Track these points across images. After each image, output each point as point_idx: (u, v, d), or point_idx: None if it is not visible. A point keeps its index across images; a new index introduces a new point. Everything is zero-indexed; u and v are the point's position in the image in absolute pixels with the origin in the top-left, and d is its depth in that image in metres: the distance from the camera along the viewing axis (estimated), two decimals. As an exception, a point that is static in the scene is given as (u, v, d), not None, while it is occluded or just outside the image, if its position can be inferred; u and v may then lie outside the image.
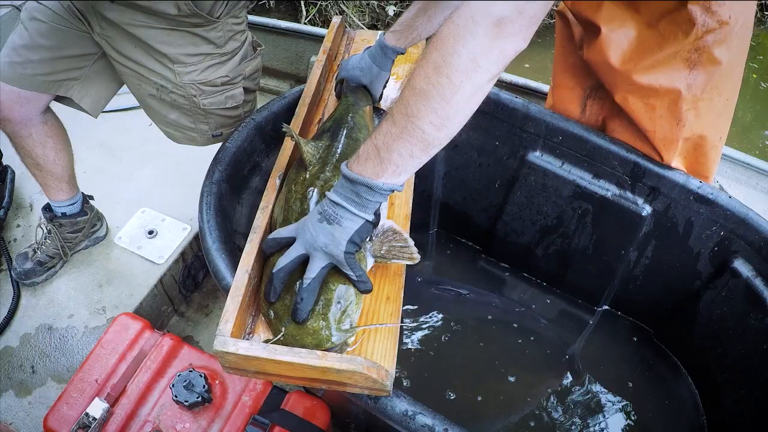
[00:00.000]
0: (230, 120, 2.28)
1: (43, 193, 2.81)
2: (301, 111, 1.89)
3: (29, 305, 2.59)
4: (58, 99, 2.21)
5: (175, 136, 2.32)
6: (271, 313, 1.38)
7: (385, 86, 2.03)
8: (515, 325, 2.50)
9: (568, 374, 2.39)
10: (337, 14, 5.69)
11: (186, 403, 1.86)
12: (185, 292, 2.83)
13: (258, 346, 1.24)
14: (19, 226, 2.91)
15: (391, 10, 5.69)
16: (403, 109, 1.16)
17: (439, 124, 1.15)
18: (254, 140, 2.01)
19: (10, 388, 2.34)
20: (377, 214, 1.32)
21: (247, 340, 1.32)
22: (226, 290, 1.51)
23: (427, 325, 2.47)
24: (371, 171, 1.22)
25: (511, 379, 2.34)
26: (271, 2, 5.90)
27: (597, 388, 2.34)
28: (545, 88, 2.98)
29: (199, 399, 1.86)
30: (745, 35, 1.87)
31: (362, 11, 5.77)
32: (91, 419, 1.90)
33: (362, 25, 5.69)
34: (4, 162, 3.08)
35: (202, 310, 2.83)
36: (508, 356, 2.41)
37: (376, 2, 5.76)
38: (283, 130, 1.59)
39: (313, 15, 5.74)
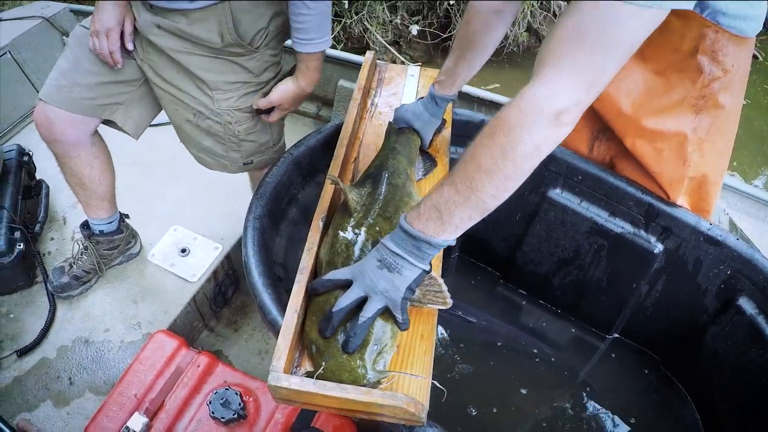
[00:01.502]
0: (261, 147, 2.36)
1: (75, 207, 2.91)
2: (339, 152, 1.96)
3: (65, 318, 2.65)
4: (103, 121, 2.29)
5: (208, 162, 2.39)
6: (314, 347, 1.47)
7: (436, 133, 2.13)
8: (525, 350, 2.58)
9: (577, 394, 2.45)
10: (361, 31, 5.77)
11: (223, 420, 1.92)
12: (215, 308, 2.90)
13: (309, 382, 1.35)
14: (53, 239, 2.99)
15: (414, 29, 5.74)
16: (468, 183, 1.28)
17: (498, 195, 1.29)
18: (292, 174, 2.10)
19: (48, 398, 2.41)
20: (429, 264, 1.45)
21: (296, 374, 1.43)
22: (271, 324, 1.63)
23: (438, 347, 2.55)
24: (433, 230, 1.35)
25: (523, 391, 2.42)
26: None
27: (604, 408, 2.40)
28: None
29: (235, 416, 1.93)
30: (744, 79, 1.95)
31: (385, 28, 5.82)
32: (131, 432, 1.98)
33: (385, 42, 5.73)
34: (37, 176, 3.17)
35: (231, 325, 2.91)
36: (519, 374, 2.48)
37: (399, 21, 5.81)
38: (330, 180, 1.69)
39: (338, 32, 5.79)
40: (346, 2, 5.70)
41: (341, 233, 1.60)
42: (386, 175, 1.78)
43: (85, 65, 2.14)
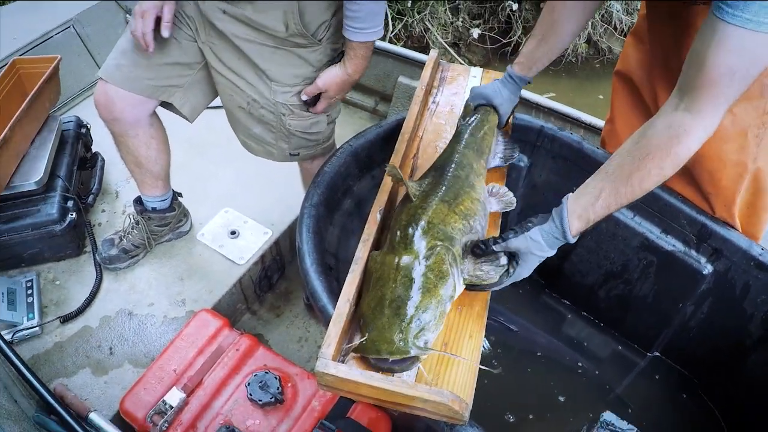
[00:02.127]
0: (310, 142, 2.36)
1: (128, 181, 2.95)
2: (400, 147, 1.97)
3: (111, 289, 2.70)
4: (160, 104, 2.32)
5: (254, 148, 2.40)
6: (362, 320, 1.48)
7: (512, 114, 2.13)
8: (565, 361, 2.57)
9: (613, 410, 2.40)
10: (422, 31, 5.79)
11: (260, 402, 1.96)
12: (260, 292, 2.93)
13: (356, 371, 1.36)
14: (104, 211, 3.05)
15: (475, 33, 5.76)
16: (628, 201, 1.51)
17: None
18: (350, 165, 2.11)
19: (87, 365, 2.44)
20: None
21: (343, 362, 1.44)
22: (321, 311, 1.64)
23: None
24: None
25: (561, 399, 2.42)
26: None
27: (639, 428, 2.36)
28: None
29: (272, 399, 1.96)
30: None
31: (446, 30, 5.84)
32: (167, 407, 2.00)
33: (444, 43, 5.76)
34: (94, 149, 3.21)
35: (273, 310, 2.93)
36: (557, 384, 2.48)
37: (460, 23, 5.82)
38: (389, 171, 1.70)
39: (399, 30, 5.81)
40: (409, 1, 5.73)
41: (402, 217, 1.61)
42: (450, 167, 1.78)
43: None
